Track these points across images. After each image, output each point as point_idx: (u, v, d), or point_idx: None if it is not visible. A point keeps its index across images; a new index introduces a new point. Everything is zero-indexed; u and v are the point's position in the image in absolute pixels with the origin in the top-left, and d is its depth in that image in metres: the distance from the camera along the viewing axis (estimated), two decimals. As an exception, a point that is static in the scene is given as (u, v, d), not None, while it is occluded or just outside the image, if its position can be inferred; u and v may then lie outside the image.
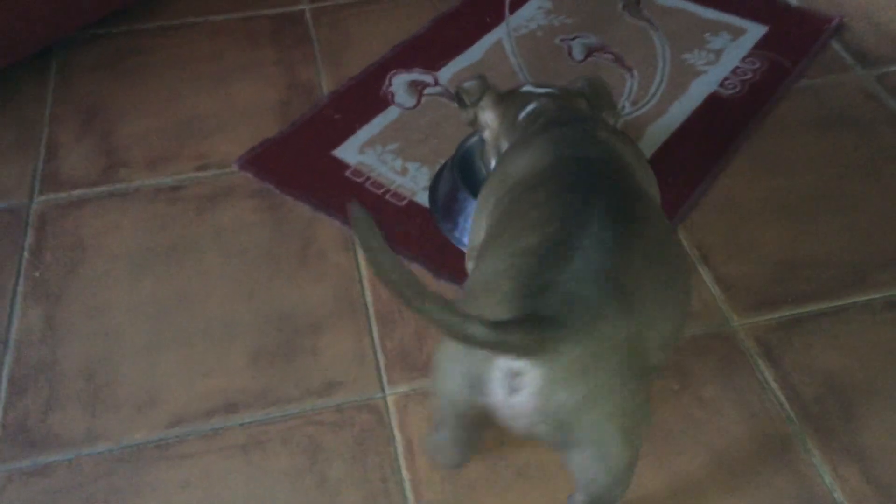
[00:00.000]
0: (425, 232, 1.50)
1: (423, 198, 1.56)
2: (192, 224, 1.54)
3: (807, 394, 1.28)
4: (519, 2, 2.03)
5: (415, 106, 1.76)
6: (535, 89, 1.27)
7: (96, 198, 1.58)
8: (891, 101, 1.76)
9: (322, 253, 1.48)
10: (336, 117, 1.73)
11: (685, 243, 1.49)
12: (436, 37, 1.93)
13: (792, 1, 2.03)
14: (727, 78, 1.81)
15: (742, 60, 1.85)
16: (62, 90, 1.81)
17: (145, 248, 1.49)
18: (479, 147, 1.53)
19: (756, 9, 1.99)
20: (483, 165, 1.37)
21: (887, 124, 1.71)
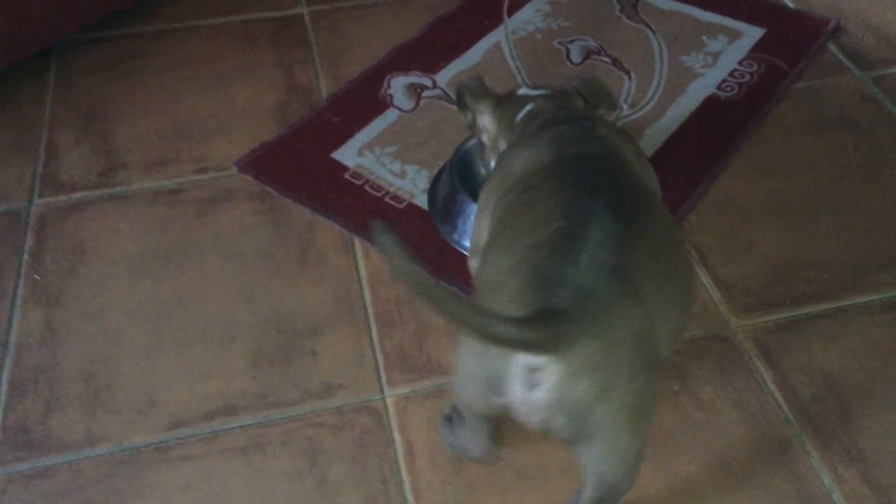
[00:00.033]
0: (424, 234, 1.50)
1: (422, 200, 1.56)
2: (192, 227, 1.54)
3: (805, 395, 1.29)
4: (517, 5, 2.03)
5: (413, 108, 1.76)
6: (531, 91, 1.27)
7: (96, 200, 1.59)
8: (888, 103, 1.76)
9: (321, 255, 1.48)
10: (335, 120, 1.73)
11: (684, 245, 1.50)
12: (434, 39, 1.94)
13: (789, 3, 2.04)
14: (725, 80, 1.81)
15: (739, 63, 1.86)
16: (61, 92, 1.81)
17: (145, 251, 1.50)
18: (479, 149, 1.54)
19: (753, 11, 2.00)
20: (483, 167, 1.37)
21: (885, 126, 1.72)
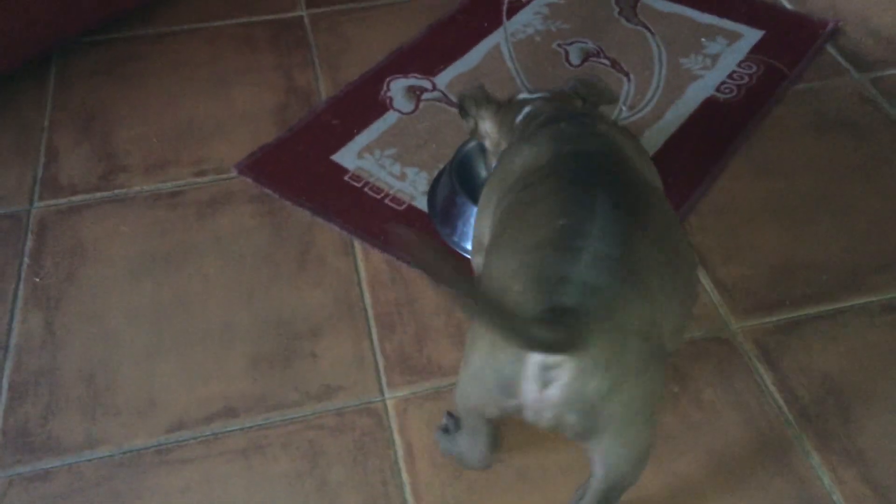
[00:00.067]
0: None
1: (422, 202, 1.56)
2: (192, 229, 1.54)
3: (805, 396, 1.29)
4: (516, 7, 2.04)
5: (413, 111, 1.76)
6: (531, 95, 1.28)
7: (96, 203, 1.59)
8: (886, 104, 1.77)
9: (321, 257, 1.48)
10: (334, 122, 1.74)
11: (683, 247, 1.50)
12: (433, 42, 1.94)
13: (787, 5, 2.04)
14: (723, 82, 1.82)
15: (738, 65, 1.86)
16: (62, 95, 1.81)
17: (145, 254, 1.50)
18: (479, 152, 1.54)
19: (752, 13, 2.00)
20: (484, 171, 1.37)
21: (883, 127, 1.72)
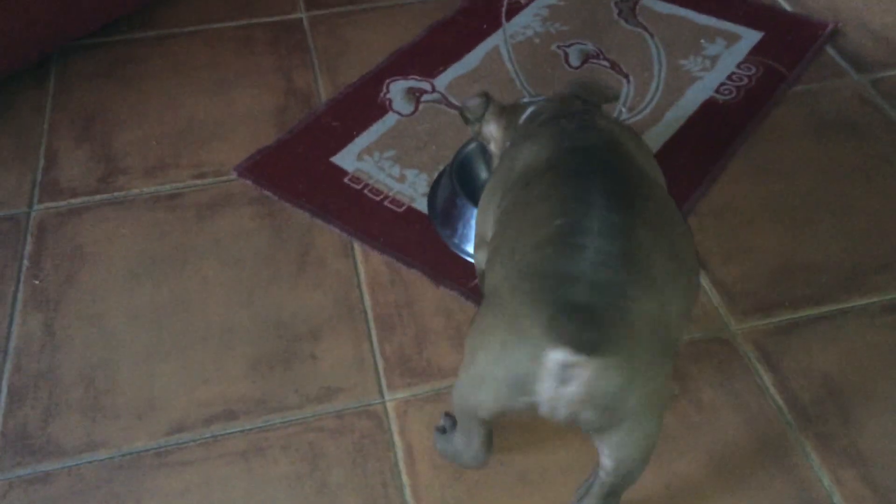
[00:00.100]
0: (424, 238, 1.50)
1: (422, 204, 1.56)
2: (191, 231, 1.54)
3: (805, 397, 1.29)
4: (515, 9, 2.04)
5: (412, 113, 1.76)
6: (534, 99, 1.29)
7: (95, 206, 1.59)
8: (886, 106, 1.77)
9: (321, 259, 1.48)
10: (334, 124, 1.74)
11: (683, 248, 1.50)
12: (433, 44, 1.94)
13: (787, 7, 2.05)
14: (723, 84, 1.82)
15: (738, 66, 1.86)
16: (61, 98, 1.81)
17: (144, 256, 1.50)
18: (479, 154, 1.54)
19: (751, 15, 2.00)
20: (487, 172, 1.37)
21: (883, 128, 1.72)
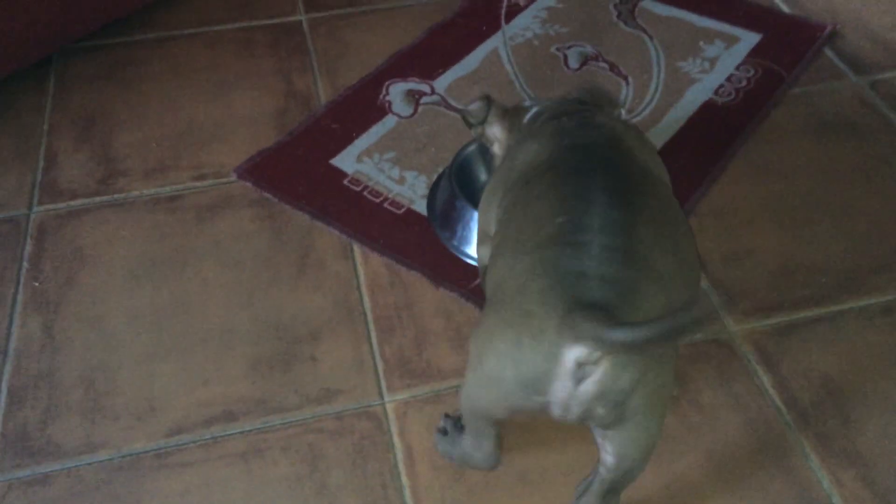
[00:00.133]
0: (423, 240, 1.50)
1: (421, 206, 1.56)
2: (191, 233, 1.54)
3: (804, 399, 1.29)
4: (515, 11, 2.04)
5: (412, 115, 1.77)
6: (535, 101, 1.29)
7: (95, 207, 1.59)
8: (885, 108, 1.77)
9: (320, 261, 1.49)
10: (333, 126, 1.74)
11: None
12: (432, 46, 1.94)
13: (785, 9, 2.05)
14: (722, 85, 1.82)
15: (736, 68, 1.86)
16: (61, 100, 1.82)
17: (144, 258, 1.50)
18: (478, 156, 1.54)
19: (750, 17, 2.01)
20: (487, 174, 1.37)
21: (882, 130, 1.72)
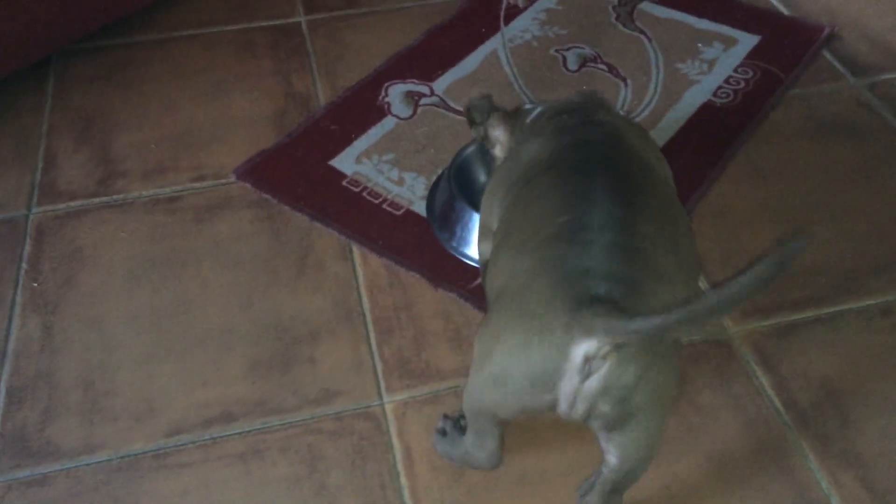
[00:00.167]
0: (423, 241, 1.51)
1: (420, 207, 1.56)
2: (190, 234, 1.54)
3: (803, 400, 1.29)
4: (514, 13, 2.04)
5: (411, 116, 1.77)
6: (535, 104, 1.30)
7: (94, 208, 1.59)
8: (882, 109, 1.77)
9: (320, 262, 1.49)
10: (333, 128, 1.74)
11: (681, 251, 1.50)
12: (431, 48, 1.95)
13: (784, 11, 2.05)
14: (720, 87, 1.82)
15: (735, 70, 1.87)
16: (60, 101, 1.82)
17: (143, 259, 1.50)
18: (477, 157, 1.54)
19: (748, 19, 2.01)
20: (486, 175, 1.38)
21: (880, 131, 1.72)
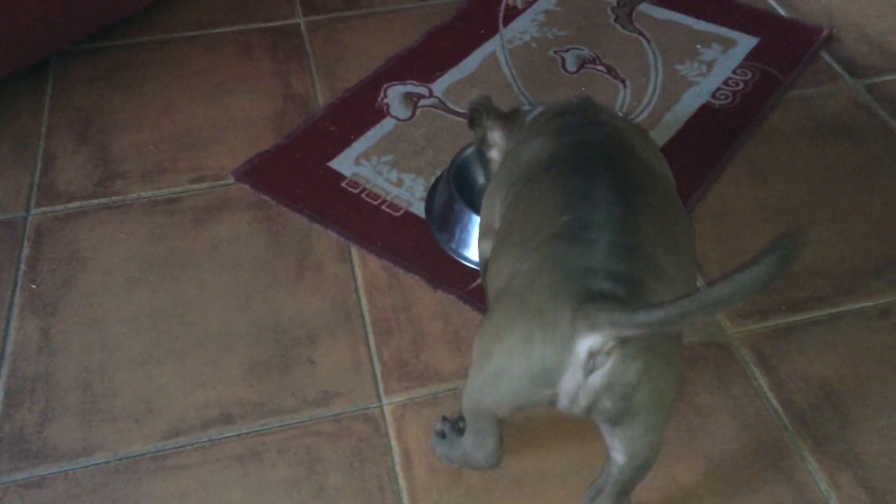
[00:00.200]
0: (421, 242, 1.51)
1: (419, 208, 1.56)
2: (189, 236, 1.54)
3: (802, 401, 1.29)
4: (512, 14, 2.05)
5: (410, 118, 1.77)
6: (533, 106, 1.30)
7: (93, 210, 1.59)
8: (881, 110, 1.77)
9: (318, 264, 1.49)
10: (331, 129, 1.74)
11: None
12: (430, 49, 1.95)
13: (782, 12, 2.05)
14: (719, 88, 1.82)
15: (734, 71, 1.87)
16: (59, 102, 1.82)
17: (142, 260, 1.50)
18: (476, 159, 1.54)
19: (747, 20, 2.01)
20: (485, 177, 1.38)
21: (878, 133, 1.73)
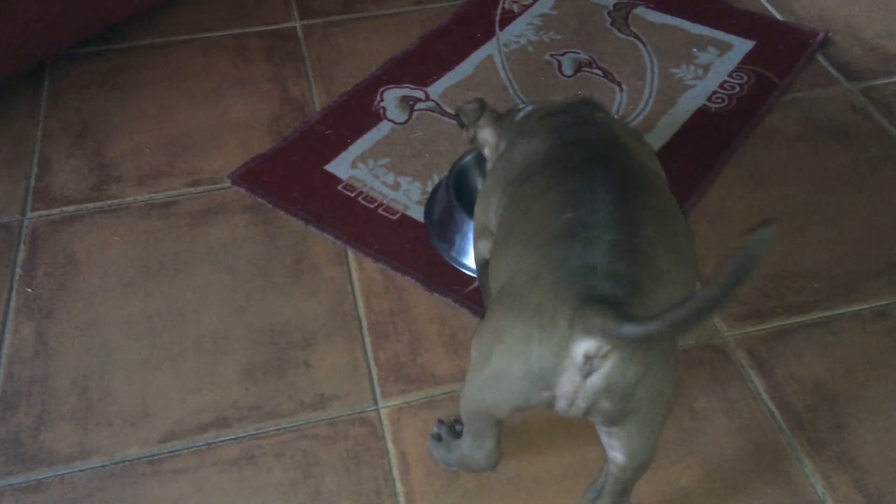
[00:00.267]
0: (418, 245, 1.51)
1: (415, 212, 1.56)
2: (185, 239, 1.54)
3: (798, 404, 1.29)
4: (509, 18, 2.05)
5: (406, 121, 1.77)
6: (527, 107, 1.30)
7: (88, 214, 1.59)
8: (876, 114, 1.78)
9: (315, 267, 1.49)
10: (328, 132, 1.74)
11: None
12: (427, 52, 1.95)
13: (778, 16, 2.06)
14: (715, 92, 1.83)
15: (729, 75, 1.87)
16: (55, 106, 1.81)
17: (138, 264, 1.50)
18: (475, 166, 1.55)
19: (743, 24, 2.02)
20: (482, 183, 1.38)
21: (874, 136, 1.73)
